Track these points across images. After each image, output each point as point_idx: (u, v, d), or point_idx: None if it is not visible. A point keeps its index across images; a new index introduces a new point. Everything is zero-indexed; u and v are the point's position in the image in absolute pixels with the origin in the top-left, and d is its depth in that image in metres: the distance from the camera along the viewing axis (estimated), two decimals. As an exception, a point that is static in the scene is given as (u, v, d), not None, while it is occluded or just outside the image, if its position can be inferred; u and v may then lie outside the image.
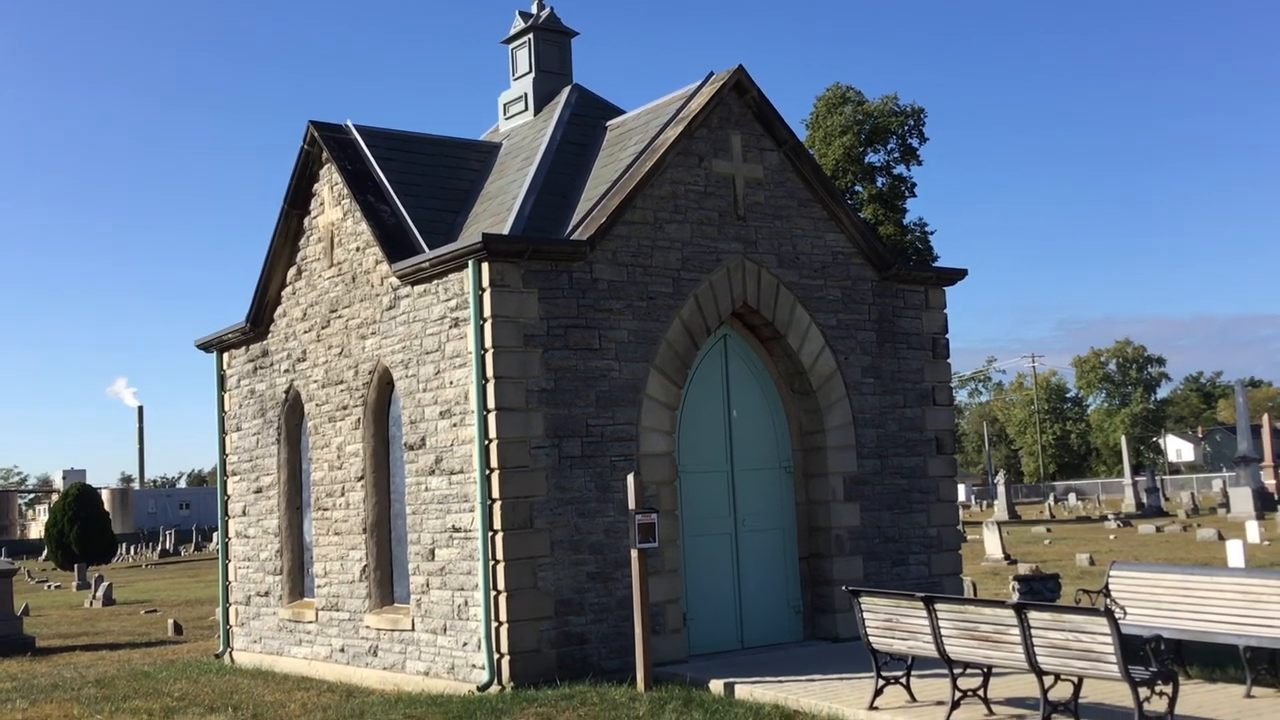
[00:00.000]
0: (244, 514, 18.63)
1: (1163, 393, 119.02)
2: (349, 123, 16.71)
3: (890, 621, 10.87)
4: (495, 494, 13.03)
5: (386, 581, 15.36)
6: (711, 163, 14.88)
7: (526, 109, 17.97)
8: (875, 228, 48.50)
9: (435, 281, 14.17)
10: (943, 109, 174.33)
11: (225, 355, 19.32)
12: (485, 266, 13.28)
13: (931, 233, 55.83)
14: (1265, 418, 62.06)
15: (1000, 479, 59.00)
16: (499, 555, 12.97)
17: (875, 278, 16.12)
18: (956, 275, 17.07)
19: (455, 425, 13.74)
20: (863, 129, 55.14)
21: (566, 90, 17.63)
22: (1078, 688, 9.78)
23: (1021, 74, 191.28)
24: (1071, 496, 75.77)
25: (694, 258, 14.59)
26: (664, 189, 14.48)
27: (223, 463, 19.35)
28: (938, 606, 10.36)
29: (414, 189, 16.07)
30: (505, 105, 18.48)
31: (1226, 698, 10.84)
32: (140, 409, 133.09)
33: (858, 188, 54.79)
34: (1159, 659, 9.48)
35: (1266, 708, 10.36)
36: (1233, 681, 11.47)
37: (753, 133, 15.27)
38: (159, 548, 70.55)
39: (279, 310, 17.75)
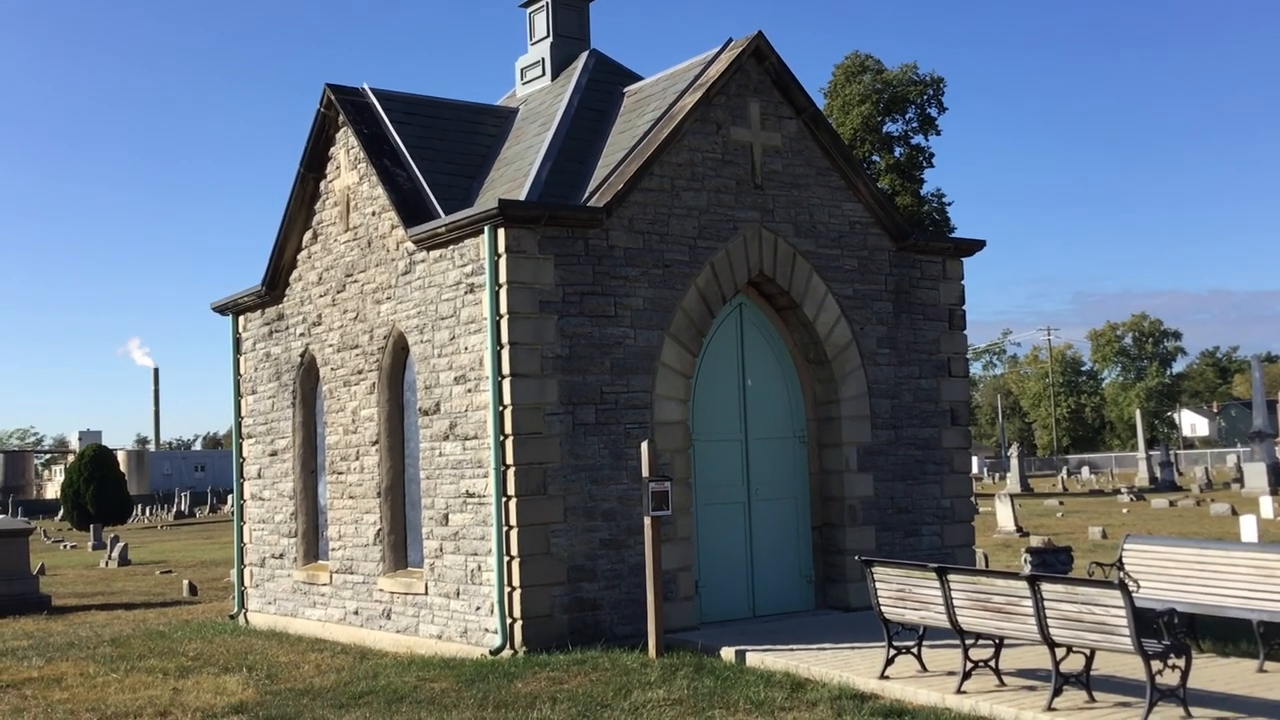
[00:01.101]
0: (259, 477, 18.71)
1: (1178, 367, 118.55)
2: (365, 86, 16.65)
3: (903, 592, 10.88)
4: (509, 460, 13.05)
5: (400, 545, 15.44)
6: (729, 130, 14.78)
7: (544, 74, 17.87)
8: (892, 198, 48.21)
9: (451, 247, 14.14)
10: (962, 78, 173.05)
11: (241, 318, 19.35)
12: (501, 232, 13.24)
13: (949, 204, 55.44)
14: (1281, 393, 61.70)
15: (1013, 451, 58.86)
16: (512, 521, 13.01)
17: (892, 248, 16.04)
18: (974, 246, 16.97)
19: (470, 391, 13.76)
20: (881, 98, 54.70)
21: (584, 55, 17.52)
22: (1090, 660, 9.78)
23: (1042, 45, 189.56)
24: (1085, 470, 75.63)
25: (711, 226, 14.53)
26: (681, 156, 14.40)
27: (238, 425, 19.43)
28: (950, 577, 10.36)
29: (430, 153, 16.02)
30: (522, 70, 18.38)
31: (1239, 671, 10.84)
32: (156, 371, 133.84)
33: (875, 157, 54.40)
34: (1172, 632, 9.46)
35: (1279, 682, 10.35)
36: (1245, 656, 11.46)
37: (771, 100, 15.16)
38: (174, 509, 71.10)
39: (295, 274, 17.75)
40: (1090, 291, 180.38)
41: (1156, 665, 9.16)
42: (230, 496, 65.80)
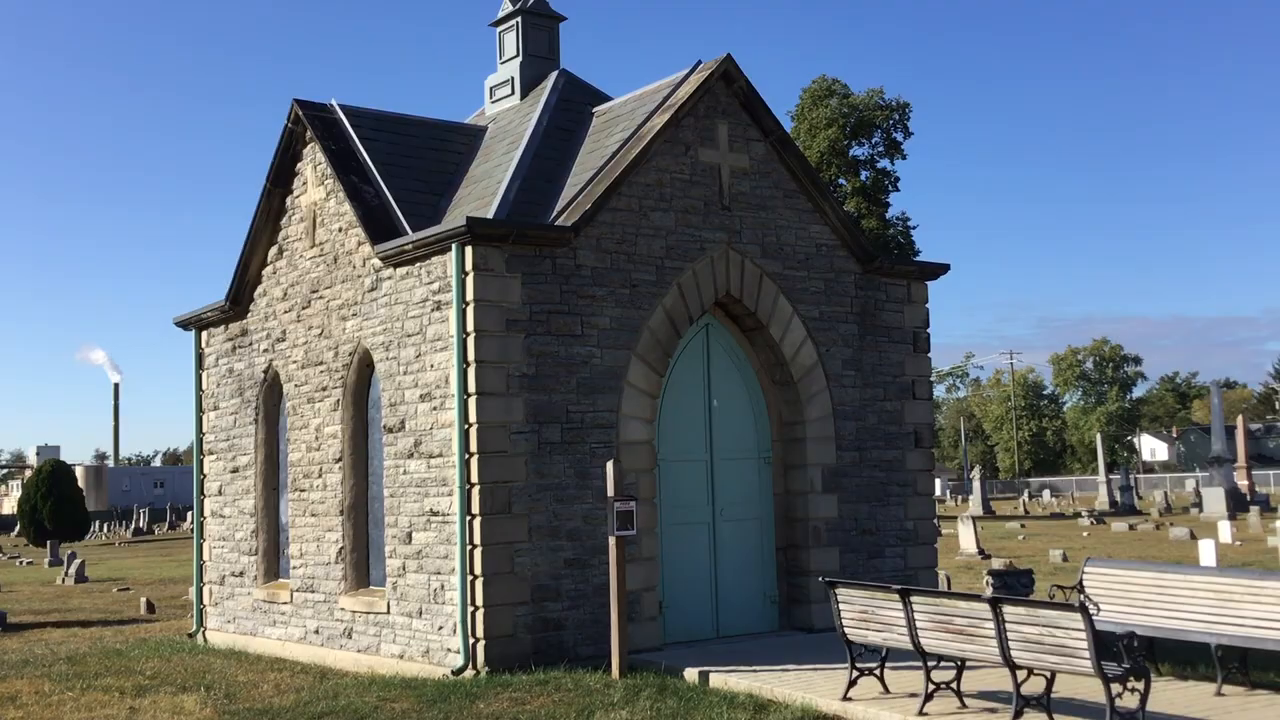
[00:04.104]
0: (220, 494, 18.54)
1: (1138, 392, 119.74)
2: (334, 102, 16.60)
3: (866, 613, 10.91)
4: (474, 478, 13.00)
5: (362, 564, 15.32)
6: (697, 151, 14.85)
7: (513, 93, 17.89)
8: (858, 221, 48.55)
9: (418, 264, 14.10)
10: (928, 104, 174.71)
11: (204, 333, 19.21)
12: (469, 250, 13.23)
13: (914, 227, 55.85)
14: (1239, 419, 62.42)
15: (976, 474, 59.29)
16: (476, 540, 12.95)
17: (858, 270, 16.14)
18: (939, 270, 17.11)
19: (435, 409, 13.70)
20: (848, 122, 55.10)
21: (553, 75, 17.56)
22: (1050, 682, 9.83)
23: (1005, 71, 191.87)
24: (1046, 493, 76.18)
25: (678, 246, 14.57)
26: (649, 177, 14.45)
27: (199, 441, 19.24)
28: (913, 599, 10.40)
29: (398, 170, 15.99)
30: (492, 89, 18.41)
31: (1198, 695, 10.93)
32: (116, 386, 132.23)
33: (841, 181, 54.76)
34: (1132, 655, 9.54)
35: (1236, 705, 10.45)
36: (1204, 679, 11.56)
37: (739, 123, 15.25)
38: (132, 526, 70.22)
39: (259, 289, 17.64)
40: (1053, 316, 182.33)
41: (1116, 688, 9.24)
42: (190, 513, 65.07)
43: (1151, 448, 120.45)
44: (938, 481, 65.81)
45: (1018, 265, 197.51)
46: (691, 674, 12.40)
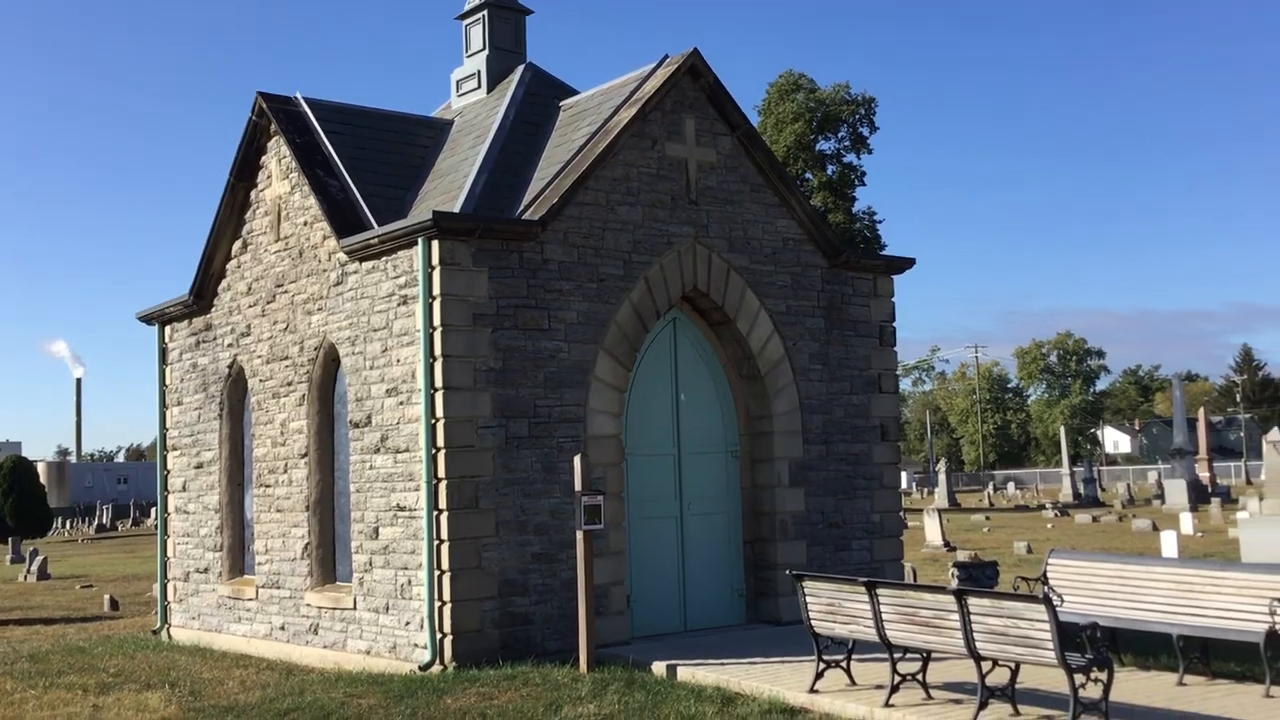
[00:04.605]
0: (184, 489, 18.39)
1: (1102, 385, 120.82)
2: (298, 95, 16.48)
3: (832, 606, 10.96)
4: (441, 473, 12.96)
5: (329, 559, 15.25)
6: (665, 146, 14.85)
7: (479, 86, 17.83)
8: (825, 215, 48.69)
9: (384, 258, 14.03)
10: (894, 98, 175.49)
11: (167, 328, 19.04)
12: (435, 244, 13.17)
13: (880, 221, 56.15)
14: (1201, 412, 63.21)
15: (941, 467, 59.71)
16: (443, 535, 12.91)
17: (825, 265, 16.20)
18: (905, 264, 17.20)
19: (402, 403, 13.65)
20: (814, 116, 55.28)
21: (520, 68, 17.51)
22: (1015, 673, 9.92)
23: (970, 66, 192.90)
24: (1010, 485, 76.82)
25: (645, 240, 14.57)
26: (616, 171, 14.44)
27: (163, 437, 19.08)
28: (879, 591, 10.46)
29: (364, 164, 15.90)
30: (458, 82, 18.33)
31: (1160, 685, 11.06)
32: (79, 381, 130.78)
33: (808, 175, 54.95)
34: (1095, 646, 9.63)
35: (1198, 695, 10.58)
36: (1166, 669, 11.69)
37: (706, 117, 15.26)
38: (95, 522, 69.52)
39: (223, 284, 17.50)
40: (1018, 310, 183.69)
41: (1080, 678, 9.33)
42: (154, 509, 64.54)
43: (1115, 440, 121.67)
44: (904, 474, 66.19)
45: (983, 260, 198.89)
46: (659, 667, 12.42)
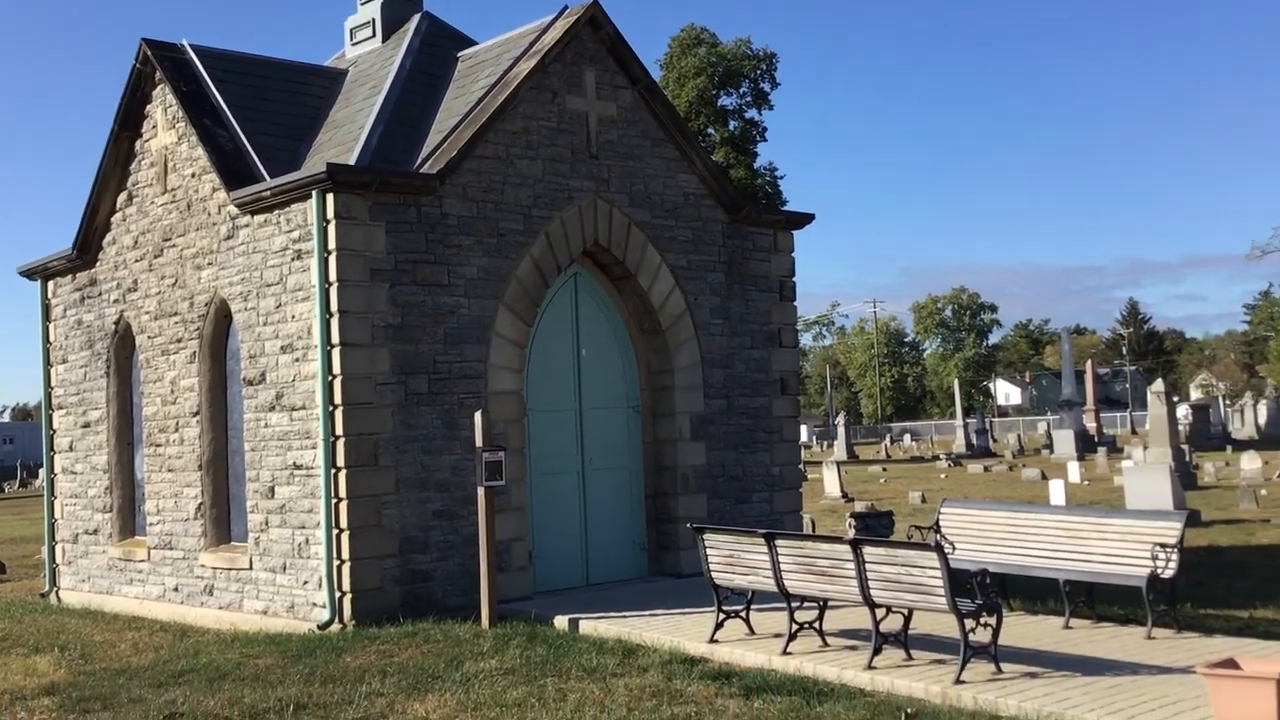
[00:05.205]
0: (71, 449, 17.87)
1: (994, 339, 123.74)
2: (184, 42, 15.95)
3: (732, 557, 11.08)
4: (339, 431, 12.77)
5: (223, 520, 14.96)
6: (565, 99, 14.70)
7: (374, 35, 17.43)
8: (726, 171, 48.81)
9: (277, 211, 13.70)
10: (795, 54, 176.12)
11: (50, 283, 18.40)
12: (330, 197, 12.89)
13: (781, 178, 56.59)
14: (1089, 364, 65.08)
15: (840, 420, 60.72)
16: (341, 493, 12.74)
17: (726, 220, 16.24)
18: (804, 219, 17.32)
19: (297, 360, 13.39)
20: (716, 71, 55.25)
21: (416, 18, 17.14)
22: (908, 619, 10.15)
23: (871, 20, 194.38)
24: (907, 437, 78.43)
25: (545, 195, 14.44)
26: (516, 124, 14.26)
27: (48, 396, 18.49)
28: (778, 543, 10.60)
29: (255, 114, 15.46)
30: (352, 30, 17.90)
31: (1047, 629, 11.41)
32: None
33: (710, 130, 54.98)
34: (984, 592, 9.90)
35: (1082, 638, 10.95)
36: (1052, 613, 12.07)
37: (607, 70, 15.13)
38: (-20, 484, 67.31)
39: (108, 237, 16.95)
40: (915, 266, 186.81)
41: (970, 623, 9.58)
42: (41, 470, 62.79)
43: (1006, 392, 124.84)
44: (804, 428, 67.18)
45: (883, 216, 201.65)
46: (561, 621, 12.46)
